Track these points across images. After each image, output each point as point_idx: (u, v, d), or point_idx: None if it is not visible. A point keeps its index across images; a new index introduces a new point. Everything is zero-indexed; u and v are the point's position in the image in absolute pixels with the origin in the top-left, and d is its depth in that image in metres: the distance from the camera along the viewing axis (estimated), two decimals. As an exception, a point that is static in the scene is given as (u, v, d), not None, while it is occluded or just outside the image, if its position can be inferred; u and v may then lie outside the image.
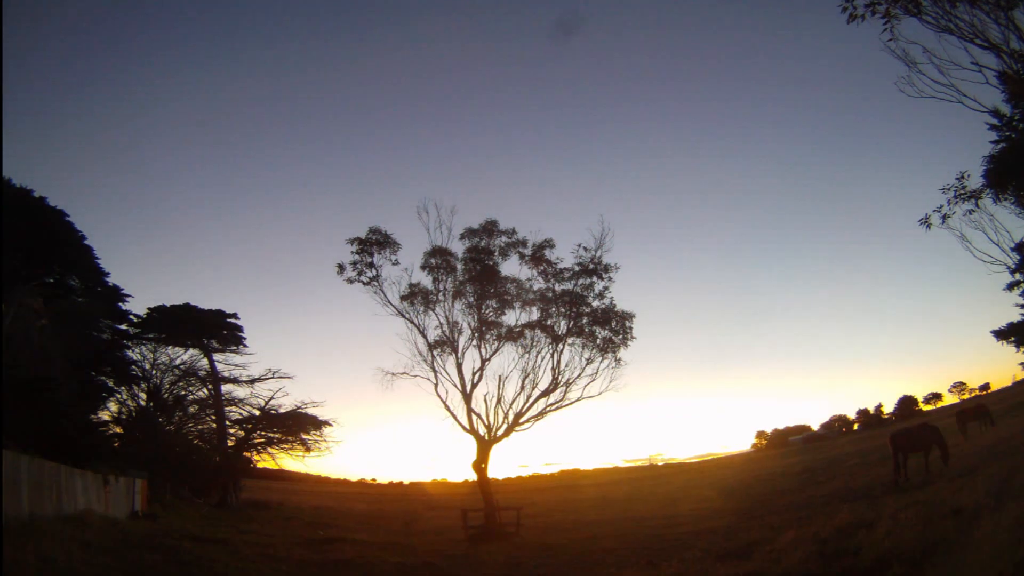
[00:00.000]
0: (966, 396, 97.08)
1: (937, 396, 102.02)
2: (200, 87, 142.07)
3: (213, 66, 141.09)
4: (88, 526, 16.15)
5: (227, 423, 37.04)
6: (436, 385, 23.70)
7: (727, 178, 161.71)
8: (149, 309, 35.25)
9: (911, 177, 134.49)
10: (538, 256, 24.07)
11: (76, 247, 27.77)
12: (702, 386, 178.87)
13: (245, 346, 38.07)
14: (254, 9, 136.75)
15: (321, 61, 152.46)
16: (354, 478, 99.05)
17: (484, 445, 23.41)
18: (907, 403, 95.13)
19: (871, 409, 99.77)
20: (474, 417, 23.51)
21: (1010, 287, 24.92)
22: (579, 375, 23.93)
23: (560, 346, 24.03)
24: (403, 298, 24.07)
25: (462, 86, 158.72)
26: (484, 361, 23.94)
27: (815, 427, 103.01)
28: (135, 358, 34.80)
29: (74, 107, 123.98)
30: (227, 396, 37.16)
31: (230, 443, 36.67)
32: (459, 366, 23.80)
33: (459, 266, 24.23)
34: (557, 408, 24.10)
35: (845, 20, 9.23)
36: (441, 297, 24.17)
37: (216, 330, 36.81)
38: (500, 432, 23.55)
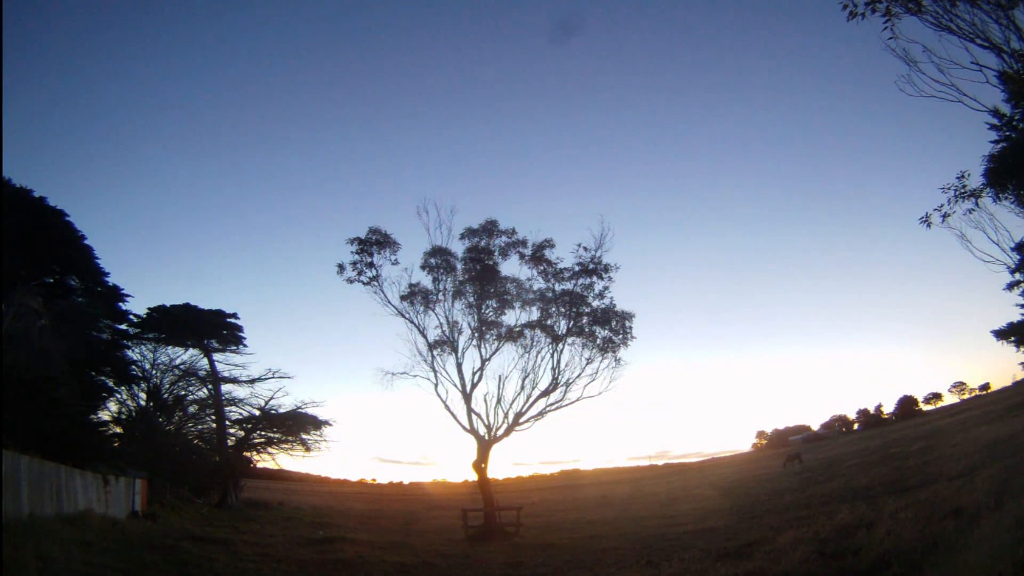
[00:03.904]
0: (966, 396, 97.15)
1: (937, 396, 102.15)
2: (200, 87, 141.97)
3: (213, 66, 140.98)
4: (88, 526, 16.19)
5: (227, 423, 37.05)
6: (436, 385, 23.70)
7: (726, 178, 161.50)
8: (149, 309, 35.34)
9: (911, 176, 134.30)
10: (538, 256, 24.07)
11: (76, 247, 27.76)
12: (702, 386, 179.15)
13: (245, 346, 38.14)
14: (253, 9, 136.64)
15: (320, 61, 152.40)
16: (354, 478, 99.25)
17: (484, 445, 23.39)
18: (907, 403, 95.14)
19: (871, 409, 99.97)
20: (474, 417, 23.52)
21: (1010, 287, 24.94)
22: (579, 375, 23.92)
23: (560, 346, 24.03)
24: (403, 298, 24.08)
25: (462, 86, 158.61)
26: (484, 361, 23.93)
27: (815, 427, 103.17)
28: (135, 358, 34.89)
29: (74, 107, 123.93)
30: (227, 396, 37.19)
31: (230, 443, 36.66)
32: (459, 366, 23.81)
33: (459, 266, 24.23)
34: (557, 408, 24.09)
35: (845, 18, 9.17)
36: (441, 297, 24.18)
37: (216, 330, 36.82)
38: (500, 432, 23.53)
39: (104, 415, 31.68)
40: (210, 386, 36.68)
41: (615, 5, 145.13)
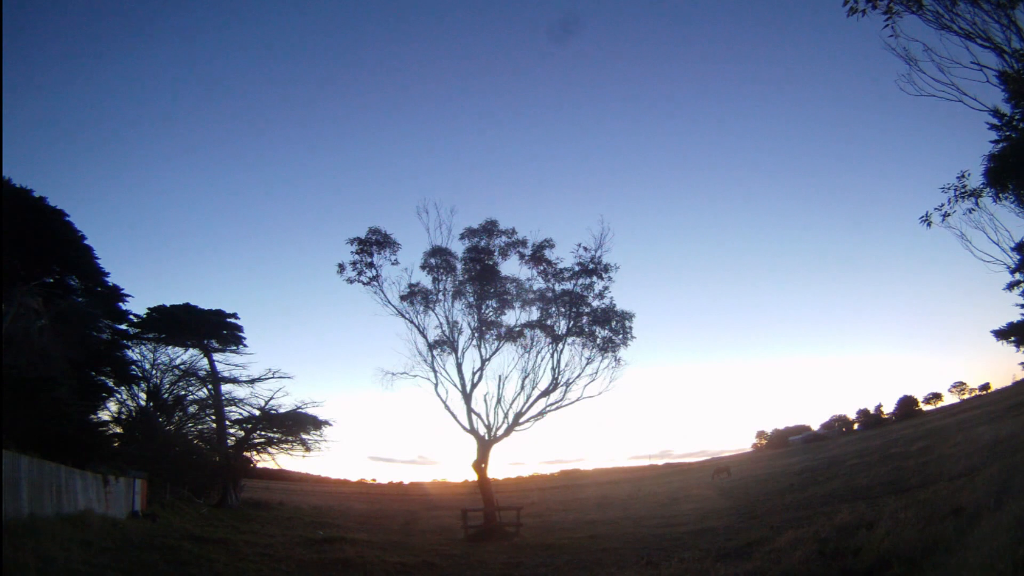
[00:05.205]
0: (966, 396, 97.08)
1: (937, 396, 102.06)
2: (200, 87, 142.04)
3: (213, 66, 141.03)
4: (88, 526, 16.16)
5: (227, 423, 37.06)
6: (436, 385, 23.74)
7: (726, 177, 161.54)
8: (149, 309, 35.31)
9: (911, 176, 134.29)
10: (538, 256, 24.07)
11: (76, 247, 27.75)
12: (703, 386, 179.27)
13: (245, 346, 38.13)
14: (253, 9, 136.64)
15: (320, 61, 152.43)
16: (354, 478, 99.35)
17: (484, 445, 23.39)
18: (907, 403, 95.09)
19: (871, 409, 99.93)
20: (474, 417, 23.54)
21: (1010, 287, 24.84)
22: (579, 375, 23.95)
23: (560, 346, 24.04)
24: (403, 298, 24.11)
25: (462, 86, 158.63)
26: (484, 361, 23.96)
27: (815, 427, 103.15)
28: (135, 358, 34.90)
29: (74, 107, 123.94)
30: (227, 396, 37.19)
31: (230, 443, 36.67)
32: (459, 366, 23.84)
33: (459, 266, 24.25)
34: (557, 408, 24.12)
35: (845, 14, 9.13)
36: (441, 297, 24.21)
37: (216, 330, 36.80)
38: (500, 432, 23.54)
39: (104, 415, 31.77)
40: (210, 386, 36.67)
41: (615, 5, 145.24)
